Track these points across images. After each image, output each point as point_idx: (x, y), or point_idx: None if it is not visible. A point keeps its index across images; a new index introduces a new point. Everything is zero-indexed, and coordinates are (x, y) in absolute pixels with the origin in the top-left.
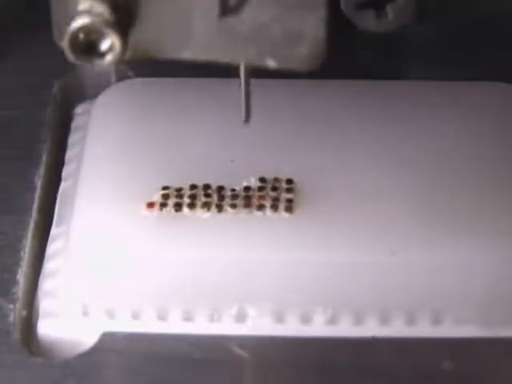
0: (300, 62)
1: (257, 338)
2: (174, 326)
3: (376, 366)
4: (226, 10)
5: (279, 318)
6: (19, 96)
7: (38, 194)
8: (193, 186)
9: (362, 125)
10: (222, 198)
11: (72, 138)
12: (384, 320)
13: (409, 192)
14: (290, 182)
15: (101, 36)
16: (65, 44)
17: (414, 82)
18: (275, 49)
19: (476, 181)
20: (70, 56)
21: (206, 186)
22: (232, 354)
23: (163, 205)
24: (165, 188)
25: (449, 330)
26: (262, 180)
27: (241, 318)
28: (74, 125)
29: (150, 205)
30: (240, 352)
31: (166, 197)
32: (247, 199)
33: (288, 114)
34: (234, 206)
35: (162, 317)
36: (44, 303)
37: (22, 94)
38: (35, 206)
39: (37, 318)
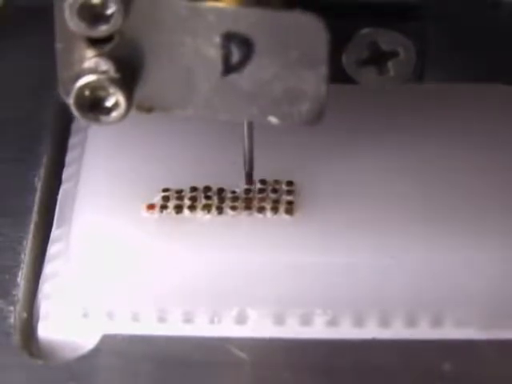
0: (301, 119)
1: (257, 340)
2: (174, 327)
3: (376, 368)
4: (228, 69)
5: (279, 320)
6: (19, 97)
7: (38, 195)
8: (193, 188)
9: (363, 127)
10: (222, 200)
11: (72, 140)
12: (384, 322)
13: (409, 193)
14: (290, 184)
15: (106, 93)
16: (71, 101)
17: (413, 85)
18: (277, 106)
19: (476, 182)
20: (76, 113)
21: (207, 188)
22: (232, 356)
23: (164, 207)
24: (165, 190)
25: (449, 331)
26: (263, 182)
27: (241, 319)
28: (74, 126)
29: (151, 207)
30: (240, 354)
31: (166, 199)
32: (247, 201)
33: None
34: (234, 208)
35: (162, 319)
36: (44, 305)
37: (22, 95)
38: (35, 208)
39: (37, 320)
